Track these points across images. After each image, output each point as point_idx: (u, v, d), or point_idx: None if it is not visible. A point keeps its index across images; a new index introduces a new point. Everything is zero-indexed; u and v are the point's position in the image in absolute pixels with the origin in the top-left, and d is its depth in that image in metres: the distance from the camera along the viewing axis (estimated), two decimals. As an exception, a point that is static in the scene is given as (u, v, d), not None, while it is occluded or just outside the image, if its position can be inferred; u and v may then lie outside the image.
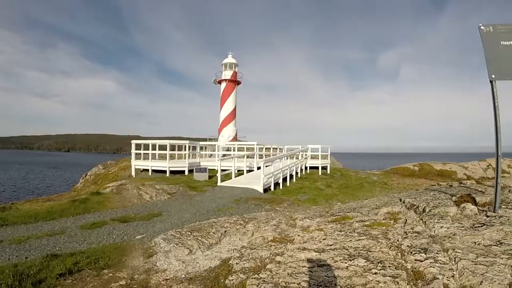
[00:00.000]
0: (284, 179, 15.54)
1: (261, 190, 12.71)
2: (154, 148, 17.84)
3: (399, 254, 3.31)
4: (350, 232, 4.22)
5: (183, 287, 3.86)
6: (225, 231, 5.99)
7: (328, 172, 20.93)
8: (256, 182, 13.36)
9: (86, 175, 22.57)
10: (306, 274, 3.03)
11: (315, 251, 3.60)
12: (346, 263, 3.16)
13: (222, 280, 3.62)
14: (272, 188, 13.79)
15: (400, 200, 6.23)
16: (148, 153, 17.66)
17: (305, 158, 21.34)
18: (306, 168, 20.94)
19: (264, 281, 3.00)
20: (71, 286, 4.07)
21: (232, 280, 3.46)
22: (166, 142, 17.74)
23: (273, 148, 24.36)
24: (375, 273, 2.86)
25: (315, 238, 4.19)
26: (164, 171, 17.02)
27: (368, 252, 3.39)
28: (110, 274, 4.42)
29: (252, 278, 3.13)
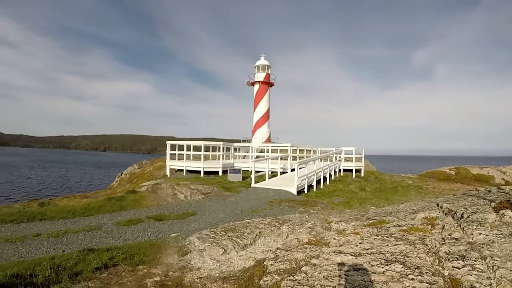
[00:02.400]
0: (318, 182, 15.42)
1: (295, 192, 12.70)
2: (188, 149, 18.17)
3: (437, 260, 3.25)
4: (386, 237, 4.16)
5: (217, 286, 3.93)
6: (259, 232, 6.01)
7: (362, 175, 20.61)
8: (289, 184, 13.36)
9: (122, 174, 23.20)
10: (342, 278, 3.02)
11: (351, 255, 3.58)
12: (382, 267, 3.13)
13: (257, 281, 3.64)
14: (305, 191, 13.74)
15: (437, 205, 6.06)
16: (183, 154, 18.02)
17: (339, 160, 21.07)
18: (339, 170, 20.70)
19: (299, 283, 3.02)
20: (107, 280, 4.23)
21: (267, 281, 3.49)
22: (201, 143, 17.97)
23: (306, 150, 24.19)
24: (412, 279, 2.83)
25: (351, 241, 4.16)
26: (198, 172, 17.25)
27: (405, 258, 3.34)
28: (145, 270, 4.56)
29: (287, 280, 3.15)
